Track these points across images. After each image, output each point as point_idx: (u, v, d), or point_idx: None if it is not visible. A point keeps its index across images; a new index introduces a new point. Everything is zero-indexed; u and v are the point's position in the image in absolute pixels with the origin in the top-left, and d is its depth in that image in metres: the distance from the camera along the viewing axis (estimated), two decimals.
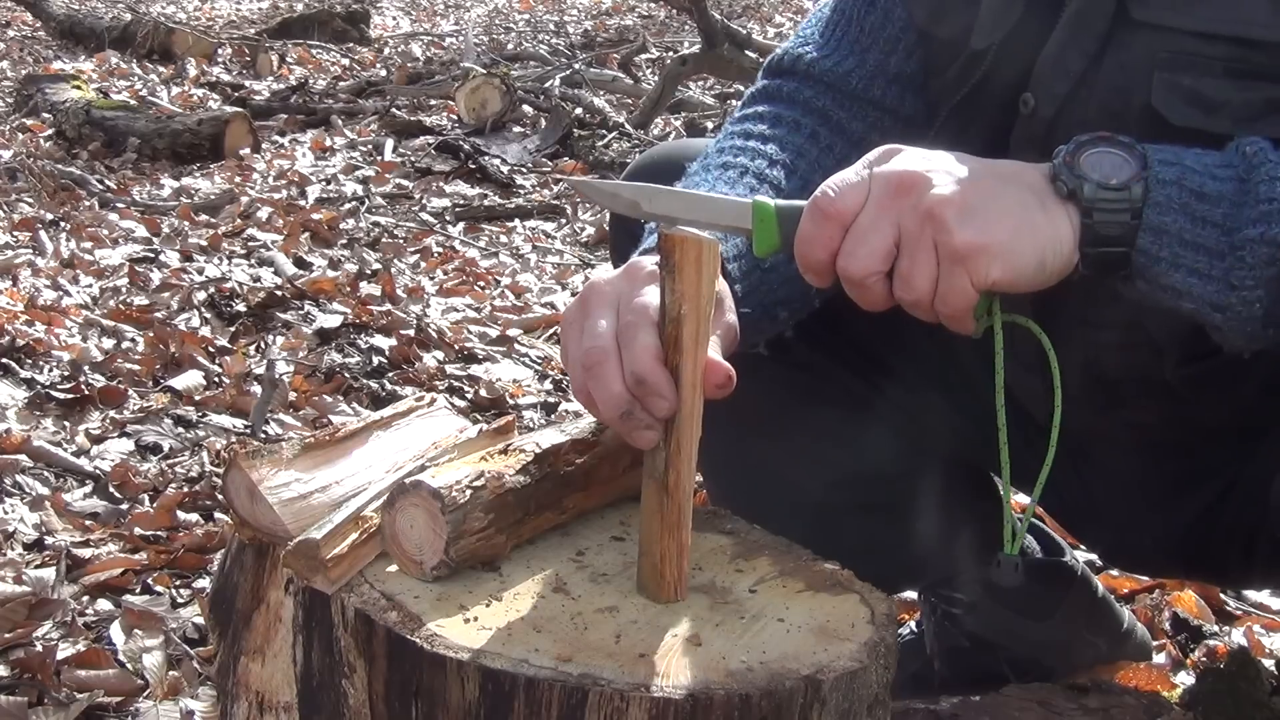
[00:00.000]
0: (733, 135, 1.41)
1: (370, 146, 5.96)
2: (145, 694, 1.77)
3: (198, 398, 2.89)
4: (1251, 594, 2.07)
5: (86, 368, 3.00)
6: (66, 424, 2.72)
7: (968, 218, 1.01)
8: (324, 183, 5.30)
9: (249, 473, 1.11)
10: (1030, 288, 1.05)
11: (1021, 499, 1.63)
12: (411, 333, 3.34)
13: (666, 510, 1.04)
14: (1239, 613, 2.04)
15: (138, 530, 2.23)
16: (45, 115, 6.19)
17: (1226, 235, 1.02)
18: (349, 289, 3.71)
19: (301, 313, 3.51)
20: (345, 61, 8.40)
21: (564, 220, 4.92)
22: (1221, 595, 2.05)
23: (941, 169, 1.04)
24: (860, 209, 1.05)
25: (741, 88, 6.87)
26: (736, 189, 1.30)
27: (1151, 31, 1.15)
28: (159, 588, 2.06)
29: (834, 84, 1.43)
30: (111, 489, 2.41)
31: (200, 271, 3.96)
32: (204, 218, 4.71)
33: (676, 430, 1.03)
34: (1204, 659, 1.88)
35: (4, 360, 2.97)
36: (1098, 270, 1.06)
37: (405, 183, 5.39)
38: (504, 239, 4.68)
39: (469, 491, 1.03)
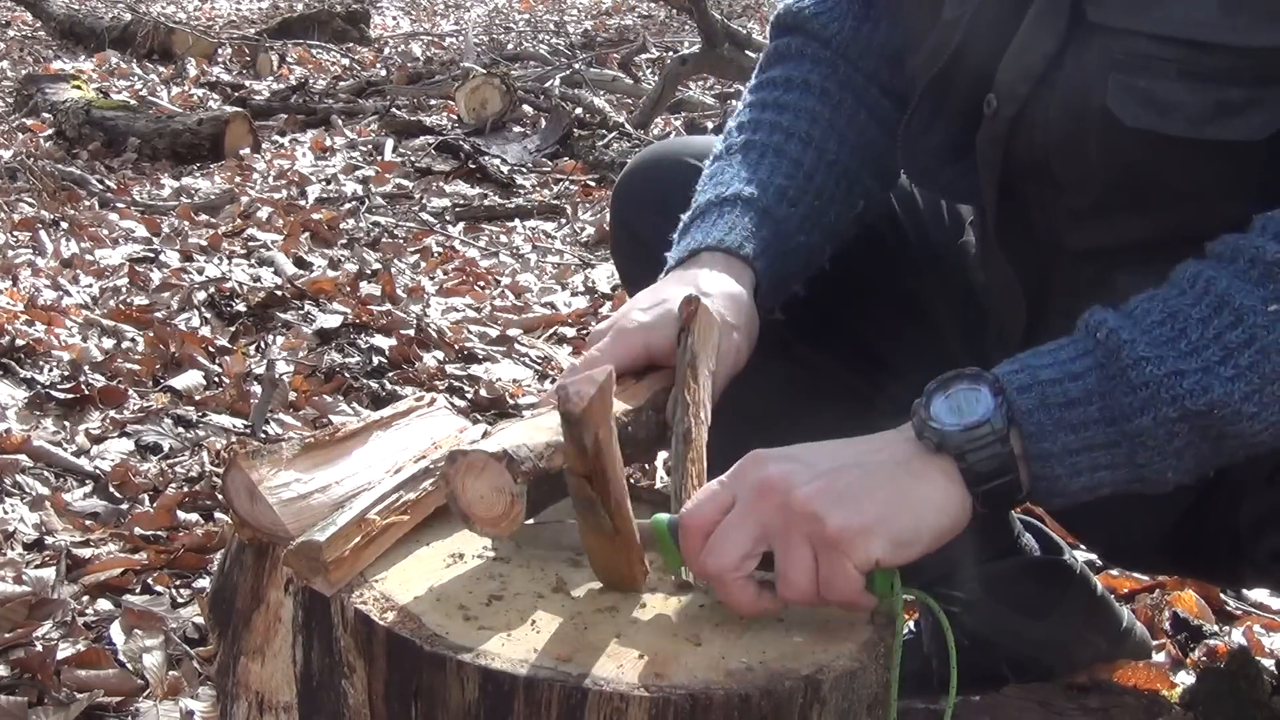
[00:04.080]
0: (750, 107, 1.48)
1: (370, 146, 5.96)
2: (145, 694, 1.77)
3: (198, 398, 2.89)
4: (1251, 594, 2.07)
5: (86, 368, 3.00)
6: (66, 424, 2.72)
7: (835, 504, 0.99)
8: (324, 183, 5.30)
9: (249, 473, 1.11)
10: (921, 554, 1.03)
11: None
12: (411, 333, 3.34)
13: (615, 548, 1.05)
14: (1239, 613, 2.04)
15: (138, 530, 2.23)
16: (45, 115, 6.19)
17: (1113, 426, 1.01)
18: (349, 289, 3.71)
19: (301, 313, 3.51)
20: (345, 61, 8.39)
21: (564, 220, 4.92)
22: (1221, 595, 2.05)
23: (802, 466, 1.02)
24: (721, 495, 1.03)
25: (741, 87, 6.87)
26: (759, 171, 1.38)
27: (1107, 34, 1.15)
28: (159, 588, 2.06)
29: (829, 42, 1.48)
30: (111, 489, 2.41)
31: (200, 271, 3.96)
32: (204, 218, 4.71)
33: (611, 490, 1.01)
34: (1204, 659, 1.88)
35: (4, 360, 2.97)
36: (999, 505, 1.04)
37: (405, 183, 5.39)
38: (504, 239, 4.68)
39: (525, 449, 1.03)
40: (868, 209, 1.48)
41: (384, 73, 7.82)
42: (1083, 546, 2.11)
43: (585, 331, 3.55)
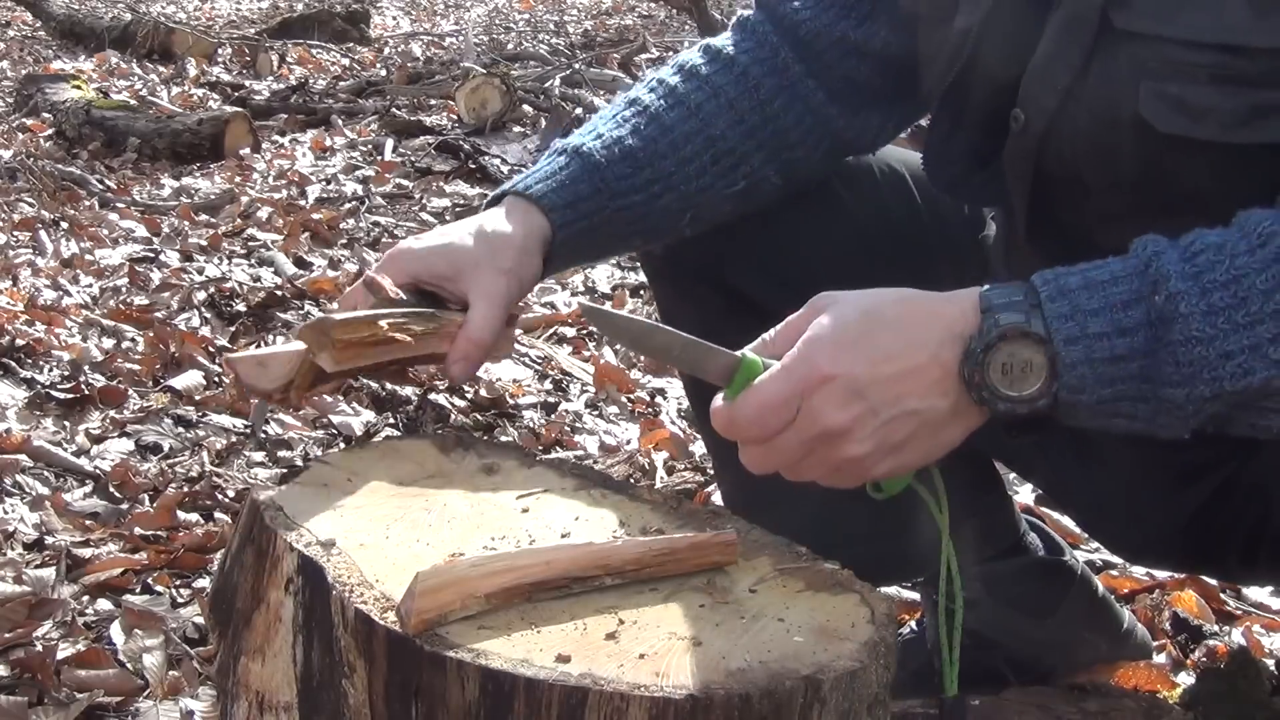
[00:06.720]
0: (671, 65, 1.53)
1: (370, 146, 5.96)
2: (145, 694, 1.77)
3: (198, 398, 2.89)
4: (1251, 594, 2.07)
5: (86, 368, 3.00)
6: (66, 424, 2.72)
7: (883, 458, 1.05)
8: (324, 183, 5.30)
9: (252, 349, 1.19)
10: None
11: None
12: None
13: None
14: (1239, 613, 2.04)
15: (138, 530, 2.23)
16: (45, 115, 6.19)
17: (1147, 384, 1.01)
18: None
19: (301, 313, 3.50)
20: (345, 61, 8.39)
21: None
22: (1221, 595, 2.05)
23: (866, 409, 1.02)
24: (785, 412, 1.04)
25: None
26: (620, 129, 1.45)
27: (1136, 41, 1.14)
28: (159, 588, 2.06)
29: (791, 30, 1.49)
30: (111, 489, 2.41)
31: (200, 271, 3.96)
32: (204, 218, 4.71)
33: None
34: (1204, 659, 1.88)
35: (4, 360, 2.97)
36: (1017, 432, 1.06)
37: (405, 183, 5.38)
38: None
39: None
40: (755, 191, 1.50)
41: (384, 73, 7.82)
42: (1084, 547, 2.11)
43: (586, 331, 3.55)
